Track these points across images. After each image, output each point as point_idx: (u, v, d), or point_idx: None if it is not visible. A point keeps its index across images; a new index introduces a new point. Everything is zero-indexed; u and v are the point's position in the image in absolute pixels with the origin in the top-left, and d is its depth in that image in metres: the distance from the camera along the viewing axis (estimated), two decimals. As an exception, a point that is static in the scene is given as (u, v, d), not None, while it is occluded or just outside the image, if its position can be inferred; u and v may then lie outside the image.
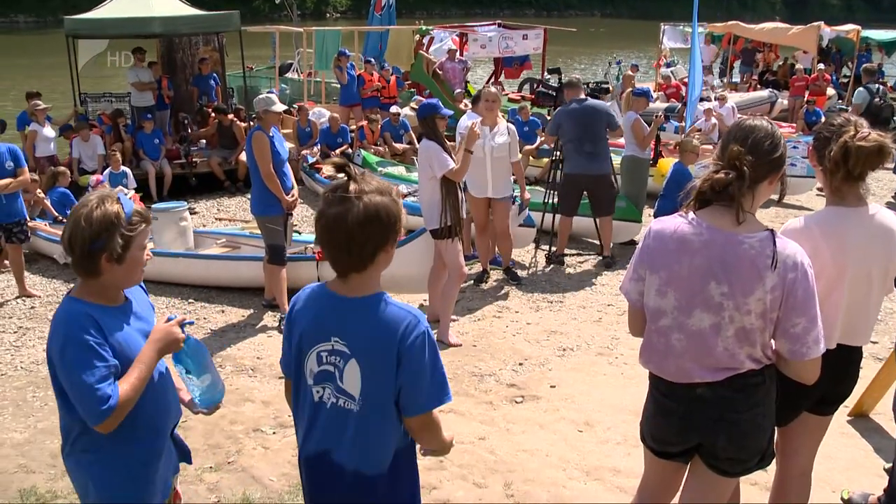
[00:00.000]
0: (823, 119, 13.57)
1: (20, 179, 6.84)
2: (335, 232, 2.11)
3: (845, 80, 19.95)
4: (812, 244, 2.69)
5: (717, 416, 2.52)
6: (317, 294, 2.28)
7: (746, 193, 2.43)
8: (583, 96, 7.96)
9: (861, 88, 12.47)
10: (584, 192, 7.88)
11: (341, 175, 2.16)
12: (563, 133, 7.83)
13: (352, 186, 2.11)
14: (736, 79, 21.31)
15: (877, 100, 11.39)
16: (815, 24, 17.77)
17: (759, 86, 19.27)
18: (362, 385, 2.16)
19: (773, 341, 2.50)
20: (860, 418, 4.76)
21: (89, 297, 2.37)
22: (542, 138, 12.13)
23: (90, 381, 2.23)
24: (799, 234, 2.73)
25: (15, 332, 6.45)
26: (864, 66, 15.05)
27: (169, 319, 2.50)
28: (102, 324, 2.31)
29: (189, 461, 2.77)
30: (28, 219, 7.29)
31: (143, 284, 2.63)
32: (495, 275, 7.63)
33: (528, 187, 8.15)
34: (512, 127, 7.20)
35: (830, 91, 17.81)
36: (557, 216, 8.07)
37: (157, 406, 2.48)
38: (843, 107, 15.51)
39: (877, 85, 13.01)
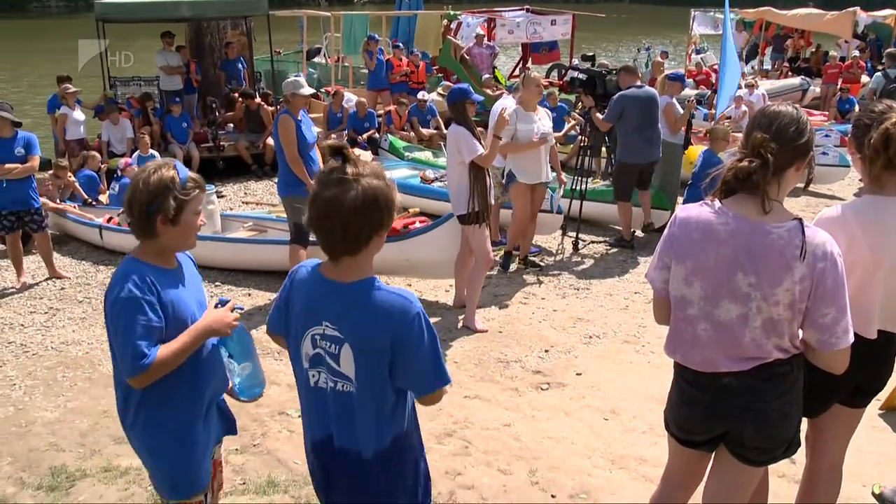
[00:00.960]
0: (857, 107, 13.34)
1: (25, 166, 6.75)
2: (330, 215, 2.07)
3: (881, 68, 19.54)
4: (848, 233, 2.64)
5: (744, 406, 2.48)
6: (309, 276, 2.26)
7: (772, 181, 2.37)
8: (639, 83, 7.88)
9: (879, 73, 12.23)
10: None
11: (337, 158, 2.12)
12: (625, 120, 7.59)
13: (349, 169, 2.07)
14: (767, 66, 20.95)
15: (893, 85, 11.19)
16: (851, 9, 17.39)
17: (790, 73, 18.93)
18: (356, 369, 2.15)
19: (800, 331, 2.45)
20: (892, 412, 4.68)
21: (147, 258, 2.50)
22: (571, 123, 12.07)
23: (134, 334, 2.35)
24: (835, 222, 2.67)
25: (45, 313, 6.53)
26: (889, 50, 14.71)
27: (220, 303, 2.60)
28: (158, 284, 2.44)
29: (234, 432, 2.88)
30: (37, 208, 7.01)
31: (192, 257, 2.74)
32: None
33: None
34: (548, 112, 7.17)
35: (865, 78, 17.38)
36: (585, 203, 8.01)
37: (203, 371, 2.58)
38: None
39: None
